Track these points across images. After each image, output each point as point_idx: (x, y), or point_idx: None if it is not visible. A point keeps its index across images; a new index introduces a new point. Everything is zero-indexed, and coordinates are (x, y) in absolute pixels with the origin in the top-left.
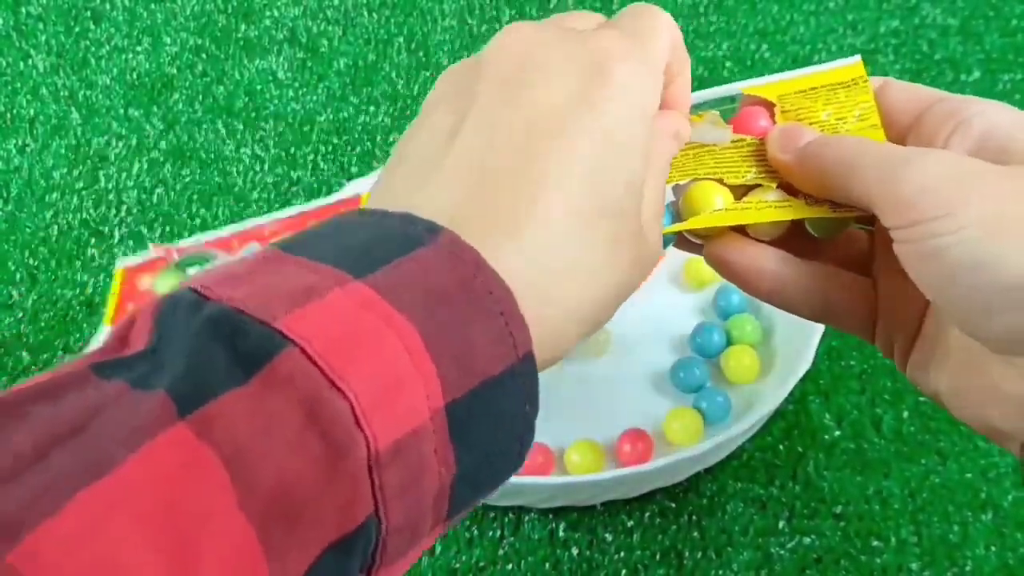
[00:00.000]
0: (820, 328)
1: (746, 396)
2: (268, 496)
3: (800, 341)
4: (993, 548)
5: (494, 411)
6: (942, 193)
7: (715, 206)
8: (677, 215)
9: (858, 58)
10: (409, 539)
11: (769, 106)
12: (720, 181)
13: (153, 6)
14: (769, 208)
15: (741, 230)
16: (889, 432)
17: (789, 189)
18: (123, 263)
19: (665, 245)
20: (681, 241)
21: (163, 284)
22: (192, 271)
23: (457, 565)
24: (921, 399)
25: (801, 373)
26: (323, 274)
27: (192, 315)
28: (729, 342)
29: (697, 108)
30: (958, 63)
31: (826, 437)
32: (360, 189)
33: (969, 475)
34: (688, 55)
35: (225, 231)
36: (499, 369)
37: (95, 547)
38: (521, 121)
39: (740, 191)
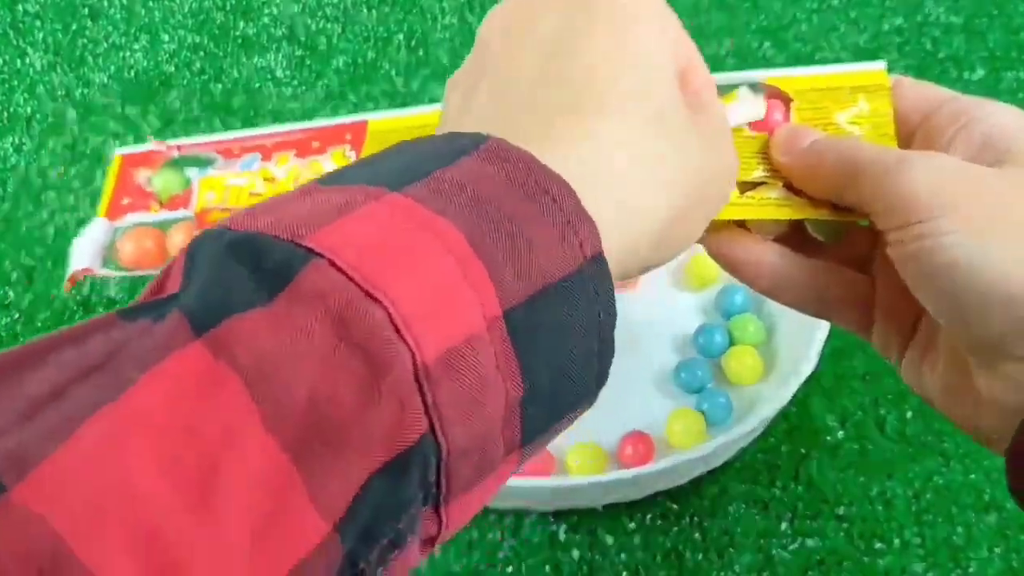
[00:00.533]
0: (824, 329)
1: (748, 397)
2: (300, 418)
3: (803, 342)
4: (997, 550)
5: (562, 319)
6: (932, 196)
7: None
8: None
9: (883, 64)
10: (478, 465)
11: (787, 100)
12: None
13: (151, 4)
14: (771, 205)
15: (743, 224)
16: (892, 433)
17: (793, 187)
18: (120, 150)
19: None
20: None
21: (160, 181)
22: (191, 171)
23: (457, 568)
24: None
25: (805, 374)
26: (357, 192)
27: (215, 245)
28: (731, 343)
29: (721, 90)
30: (961, 61)
31: (829, 438)
32: None
33: (973, 476)
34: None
35: (228, 135)
36: (564, 272)
37: (104, 474)
38: (534, 48)
39: (746, 186)
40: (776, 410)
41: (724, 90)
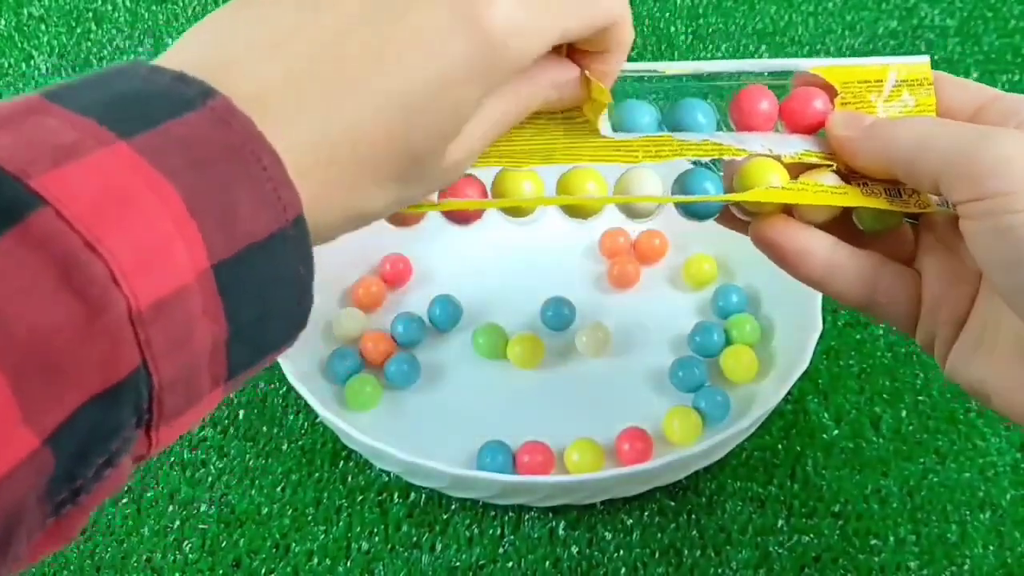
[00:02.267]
0: (818, 328)
1: (745, 396)
2: (20, 347)
3: (798, 341)
4: (991, 547)
5: (264, 272)
6: (1017, 169)
7: (770, 183)
8: (728, 186)
9: (927, 59)
10: (185, 395)
11: (829, 90)
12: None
13: (155, 7)
14: (825, 193)
15: (789, 211)
16: (888, 431)
17: (846, 175)
18: None
19: (706, 217)
20: (725, 215)
21: None
22: None
23: (457, 563)
24: (920, 398)
25: (798, 373)
26: (87, 131)
27: None
28: (728, 342)
29: (743, 76)
30: (956, 64)
31: (825, 436)
32: None
33: (968, 474)
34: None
35: None
36: (267, 232)
37: None
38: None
39: (795, 170)
40: (772, 408)
41: (744, 77)
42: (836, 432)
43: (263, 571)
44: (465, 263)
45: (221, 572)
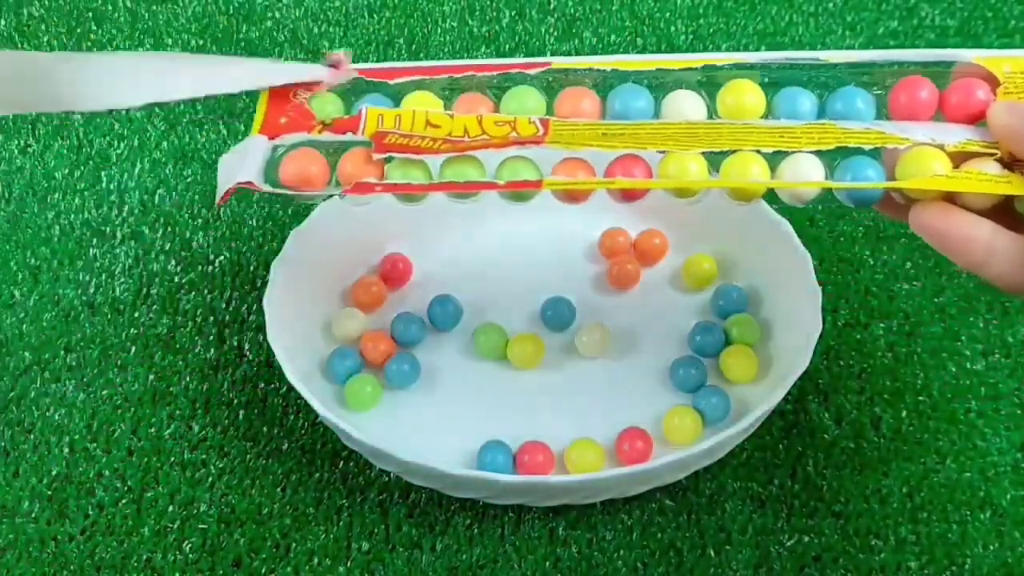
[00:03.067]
0: (818, 328)
1: (745, 396)
2: None
3: (798, 341)
4: (992, 547)
5: None
6: None
7: (934, 171)
8: (890, 175)
9: None
10: None
11: (991, 80)
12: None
13: (155, 7)
14: (989, 181)
15: (949, 198)
16: (888, 431)
17: (1008, 165)
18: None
19: (868, 204)
20: (885, 202)
21: (320, 102)
22: (354, 99)
23: (457, 563)
24: (920, 398)
25: (798, 373)
26: None
27: None
28: (728, 341)
29: (906, 65)
30: None
31: (825, 436)
32: None
33: (968, 474)
34: None
35: (399, 65)
36: None
37: None
38: None
39: (957, 158)
40: (772, 408)
41: (907, 66)
42: (836, 432)
43: (263, 571)
44: (465, 263)
45: (221, 572)
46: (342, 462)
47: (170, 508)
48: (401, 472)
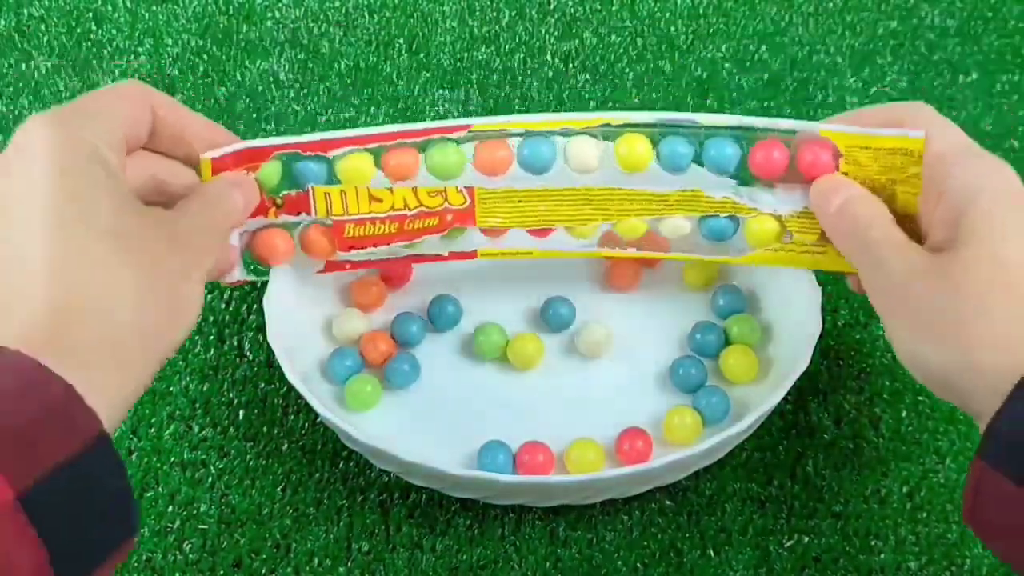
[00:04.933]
0: (818, 328)
1: (745, 396)
2: None
3: (798, 341)
4: None
5: (75, 491)
6: (888, 297)
7: (767, 244)
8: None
9: (922, 133)
10: None
11: (836, 153)
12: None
13: (155, 8)
14: (807, 253)
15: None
16: (887, 431)
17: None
18: (207, 154)
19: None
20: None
21: (265, 175)
22: (297, 168)
23: (458, 564)
24: (920, 398)
25: (798, 373)
26: None
27: None
28: (728, 341)
29: (755, 132)
30: (956, 64)
31: (825, 436)
32: None
33: (967, 474)
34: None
35: (317, 136)
36: (69, 454)
37: None
38: None
39: (792, 225)
40: (772, 408)
41: (755, 132)
42: (836, 432)
43: (263, 571)
44: (465, 263)
45: (221, 572)
46: (342, 462)
47: (170, 508)
48: (401, 472)
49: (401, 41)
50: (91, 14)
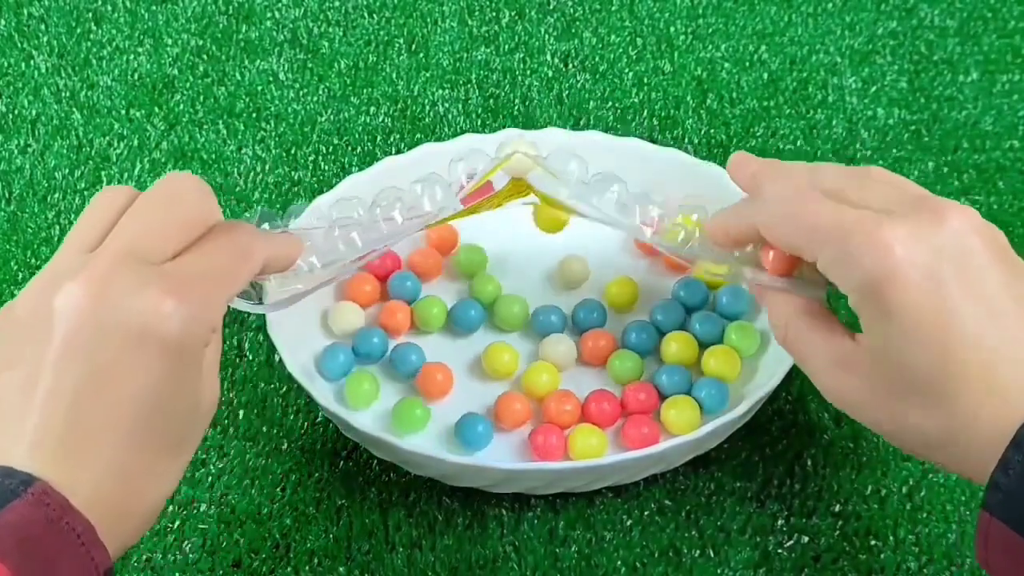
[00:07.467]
0: None
1: (744, 392)
2: None
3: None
4: None
5: None
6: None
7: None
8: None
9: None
10: None
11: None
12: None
13: (154, 7)
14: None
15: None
16: None
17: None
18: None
19: None
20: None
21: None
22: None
23: (457, 563)
24: None
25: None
26: None
27: None
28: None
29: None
30: (956, 64)
31: (824, 436)
32: (358, 183)
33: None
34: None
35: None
36: None
37: None
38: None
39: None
40: (770, 390)
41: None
42: (835, 432)
43: (263, 571)
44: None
45: (221, 572)
46: (342, 462)
47: (170, 508)
48: (401, 462)
49: (400, 41)
50: (91, 14)
